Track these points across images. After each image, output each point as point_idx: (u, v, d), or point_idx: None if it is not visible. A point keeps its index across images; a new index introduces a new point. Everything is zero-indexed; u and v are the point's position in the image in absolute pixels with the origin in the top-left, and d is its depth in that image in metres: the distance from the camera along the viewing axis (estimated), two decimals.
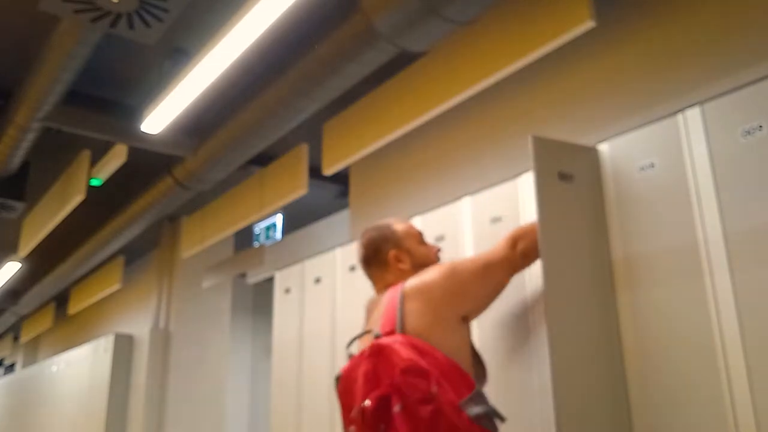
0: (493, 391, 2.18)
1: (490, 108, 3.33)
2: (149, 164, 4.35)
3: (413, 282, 1.84)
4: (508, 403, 2.13)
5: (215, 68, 2.97)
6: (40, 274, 6.99)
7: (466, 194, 2.48)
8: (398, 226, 1.99)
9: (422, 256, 1.95)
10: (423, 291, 1.80)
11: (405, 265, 1.93)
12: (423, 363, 1.59)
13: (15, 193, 4.45)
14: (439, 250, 2.01)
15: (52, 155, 4.70)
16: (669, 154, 1.88)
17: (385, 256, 1.95)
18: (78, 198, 4.30)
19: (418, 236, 2.01)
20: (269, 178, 4.48)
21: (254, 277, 5.66)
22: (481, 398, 1.67)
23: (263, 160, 4.51)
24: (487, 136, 3.32)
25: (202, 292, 6.19)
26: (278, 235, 5.98)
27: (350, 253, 3.03)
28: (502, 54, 2.79)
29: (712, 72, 2.35)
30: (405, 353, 1.61)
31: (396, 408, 1.54)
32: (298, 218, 5.68)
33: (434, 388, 1.55)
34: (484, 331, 2.26)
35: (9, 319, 8.91)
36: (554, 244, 1.91)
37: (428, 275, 1.85)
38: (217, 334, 6.31)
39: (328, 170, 3.91)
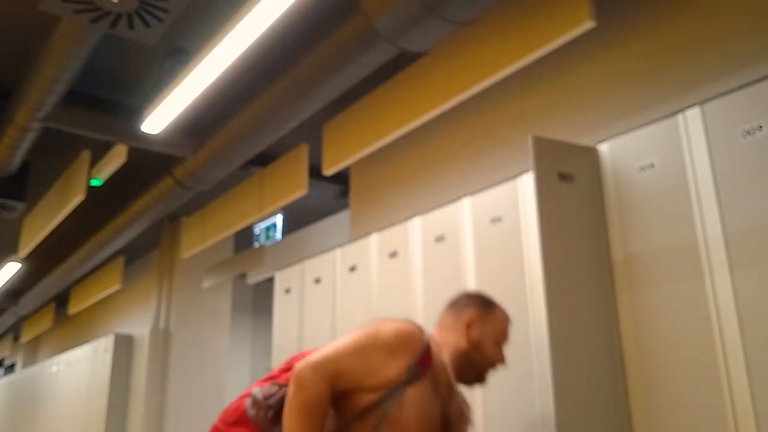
0: (493, 391, 2.18)
1: (490, 108, 3.33)
2: (149, 164, 4.35)
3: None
4: (508, 402, 2.13)
5: (215, 68, 2.97)
6: (40, 274, 6.99)
7: (466, 194, 2.48)
8: (501, 312, 1.76)
9: (487, 350, 1.69)
10: None
11: (471, 334, 1.69)
12: None
13: (15, 193, 4.45)
14: (500, 361, 1.72)
15: (52, 155, 4.70)
16: (669, 154, 1.88)
17: (465, 310, 1.73)
18: (78, 198, 4.31)
19: (502, 336, 1.73)
20: (269, 178, 4.48)
21: (254, 278, 5.66)
22: None
23: (263, 160, 4.51)
24: (487, 136, 3.32)
25: (202, 292, 6.20)
26: (278, 235, 5.98)
27: (350, 253, 3.03)
28: (502, 54, 2.79)
29: (712, 72, 2.35)
30: None
31: None
32: (298, 218, 5.68)
33: None
34: None
35: (9, 319, 8.91)
36: (554, 244, 1.91)
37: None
38: (217, 334, 6.31)
39: (328, 170, 3.91)
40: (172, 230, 6.45)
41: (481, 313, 1.71)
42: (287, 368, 1.62)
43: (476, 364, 1.66)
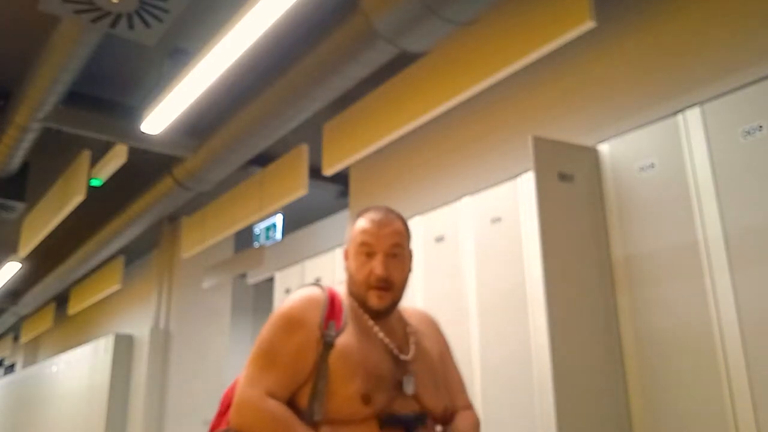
0: (494, 390, 2.18)
1: (490, 108, 3.33)
2: (149, 164, 4.35)
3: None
4: (508, 403, 2.13)
5: (215, 68, 2.97)
6: (40, 274, 6.99)
7: (466, 194, 2.48)
8: (360, 221, 1.47)
9: (353, 274, 1.43)
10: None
11: (345, 268, 1.48)
12: None
13: (15, 193, 4.45)
14: (379, 280, 1.39)
15: (52, 155, 4.70)
16: (669, 154, 1.88)
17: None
18: (78, 198, 4.30)
19: (358, 246, 1.43)
20: (269, 178, 4.48)
21: (254, 278, 5.66)
22: None
23: (263, 160, 4.51)
24: (487, 136, 3.32)
25: (202, 292, 6.19)
26: (278, 235, 5.98)
27: None
28: (502, 54, 2.79)
29: (712, 72, 2.35)
30: None
31: None
32: (298, 218, 5.68)
33: None
34: (485, 331, 2.26)
35: (9, 319, 8.91)
36: (554, 244, 1.91)
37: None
38: (217, 334, 6.31)
39: (328, 170, 3.91)
40: (172, 230, 6.45)
41: (347, 240, 1.49)
42: (225, 410, 1.49)
43: (355, 293, 1.43)
